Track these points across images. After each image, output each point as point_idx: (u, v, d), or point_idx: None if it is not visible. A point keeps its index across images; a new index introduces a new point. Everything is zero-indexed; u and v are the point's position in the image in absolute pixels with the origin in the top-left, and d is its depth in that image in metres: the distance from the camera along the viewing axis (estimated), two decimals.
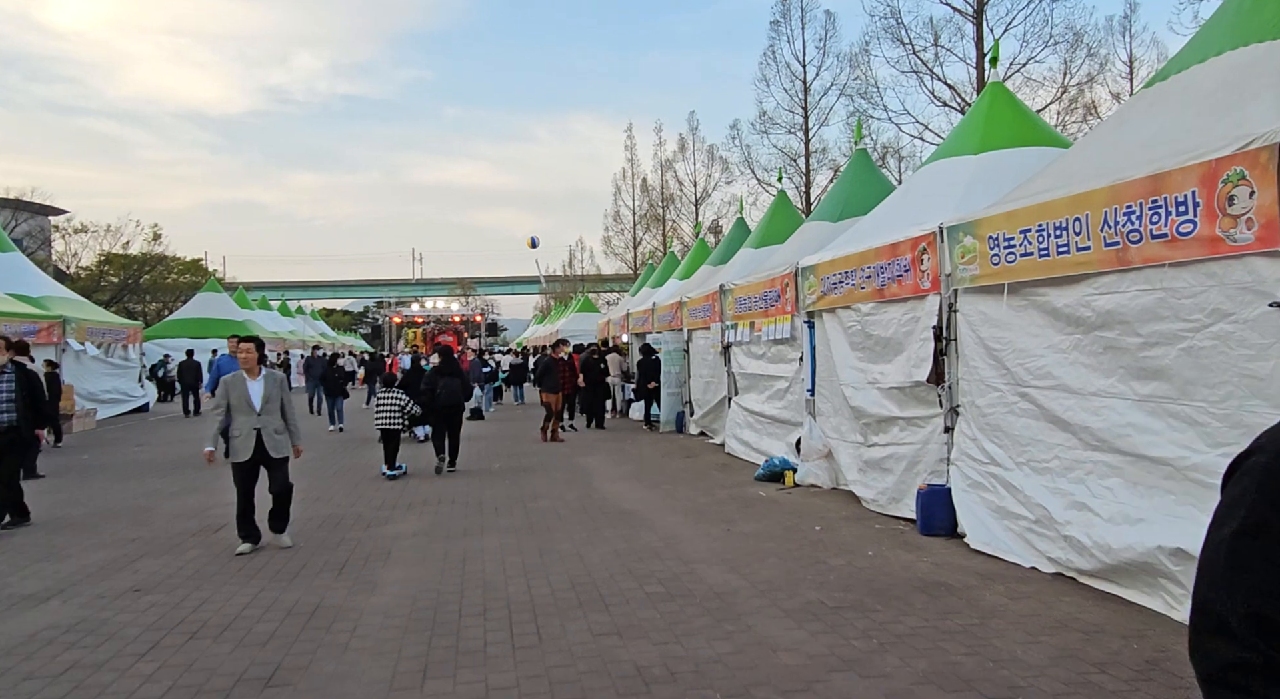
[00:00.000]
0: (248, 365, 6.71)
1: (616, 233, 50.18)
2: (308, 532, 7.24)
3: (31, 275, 20.18)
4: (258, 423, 6.55)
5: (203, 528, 7.52)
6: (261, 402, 6.59)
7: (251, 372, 6.71)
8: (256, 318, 39.27)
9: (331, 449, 13.47)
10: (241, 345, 6.84)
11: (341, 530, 7.25)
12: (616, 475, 10.26)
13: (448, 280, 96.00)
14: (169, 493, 9.50)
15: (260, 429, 6.56)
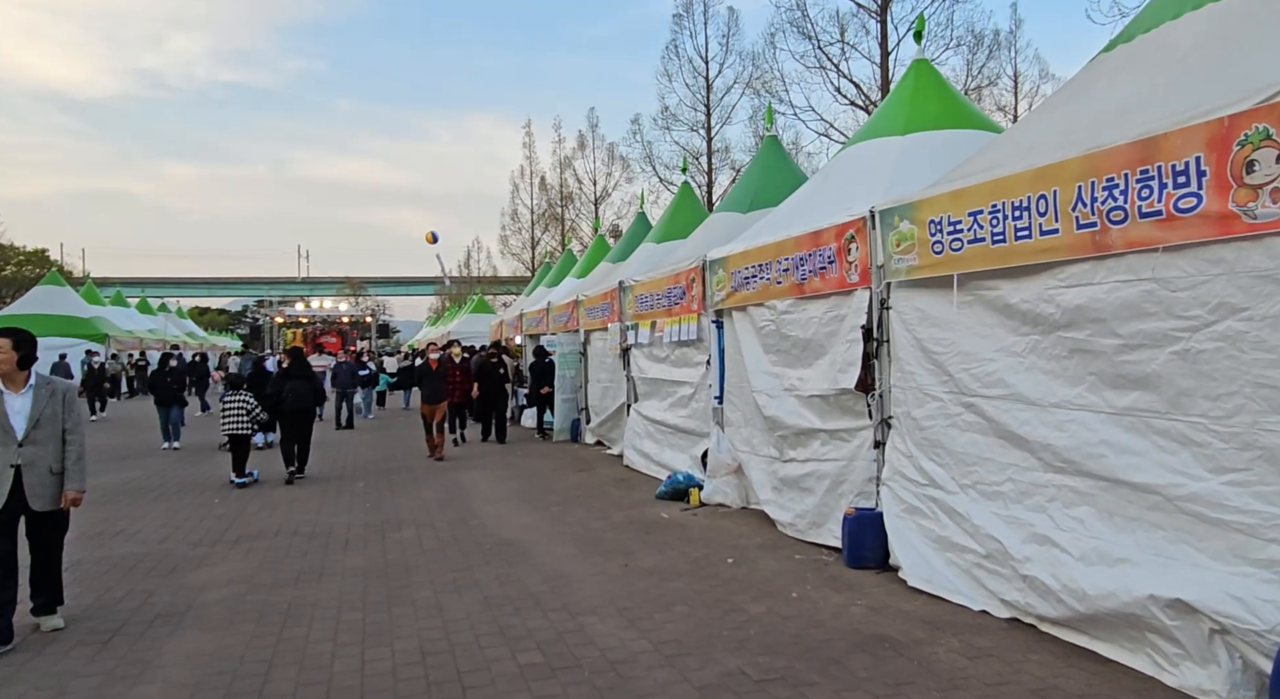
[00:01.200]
0: (5, 371, 4.53)
1: (514, 232, 48.53)
2: (88, 579, 5.64)
3: None
4: (18, 457, 4.49)
5: None
6: (27, 426, 4.53)
7: (9, 381, 4.54)
8: (108, 314, 35.43)
9: (163, 466, 11.54)
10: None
11: (135, 578, 5.68)
12: (501, 494, 8.98)
13: (336, 279, 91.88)
14: None
15: (21, 467, 4.48)
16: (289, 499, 8.76)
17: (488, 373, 13.90)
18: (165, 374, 14.08)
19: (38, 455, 4.55)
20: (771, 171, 10.05)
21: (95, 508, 8.25)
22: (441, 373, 12.37)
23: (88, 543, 6.75)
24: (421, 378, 12.45)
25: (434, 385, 12.10)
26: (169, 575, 5.74)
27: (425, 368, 12.49)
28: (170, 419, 13.49)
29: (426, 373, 12.31)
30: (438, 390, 12.11)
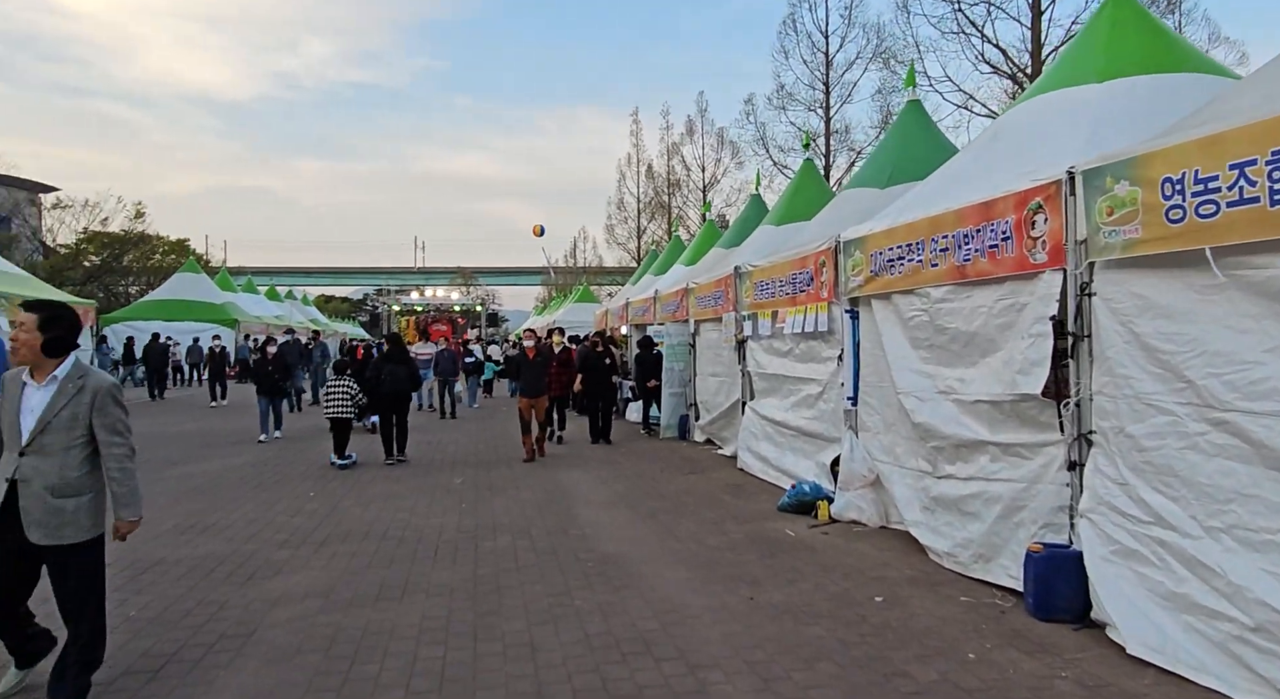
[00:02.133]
0: (24, 357, 3.47)
1: (620, 221, 48.19)
2: (162, 584, 5.20)
3: None
4: (17, 471, 3.38)
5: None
6: (36, 426, 3.38)
7: (36, 369, 3.47)
8: (239, 301, 37.32)
9: (268, 452, 11.42)
10: (21, 319, 3.45)
11: (209, 586, 5.20)
12: (604, 499, 8.20)
13: (449, 269, 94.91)
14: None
15: (19, 482, 3.37)
16: (384, 495, 8.29)
17: (593, 364, 12.79)
18: (265, 361, 12.93)
19: (37, 469, 3.37)
20: (914, 141, 8.79)
21: (194, 497, 8.03)
22: (540, 363, 11.14)
23: (175, 538, 6.40)
24: (518, 369, 11.36)
25: (532, 377, 10.96)
26: (244, 584, 5.22)
27: (521, 357, 11.28)
28: (270, 408, 12.72)
29: (523, 363, 11.11)
30: (536, 383, 10.95)
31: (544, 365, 11.19)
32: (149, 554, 5.87)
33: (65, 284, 37.18)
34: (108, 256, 43.18)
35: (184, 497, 8.10)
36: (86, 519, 3.45)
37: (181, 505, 7.67)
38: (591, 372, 12.68)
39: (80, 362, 3.56)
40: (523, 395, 10.96)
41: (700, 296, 12.46)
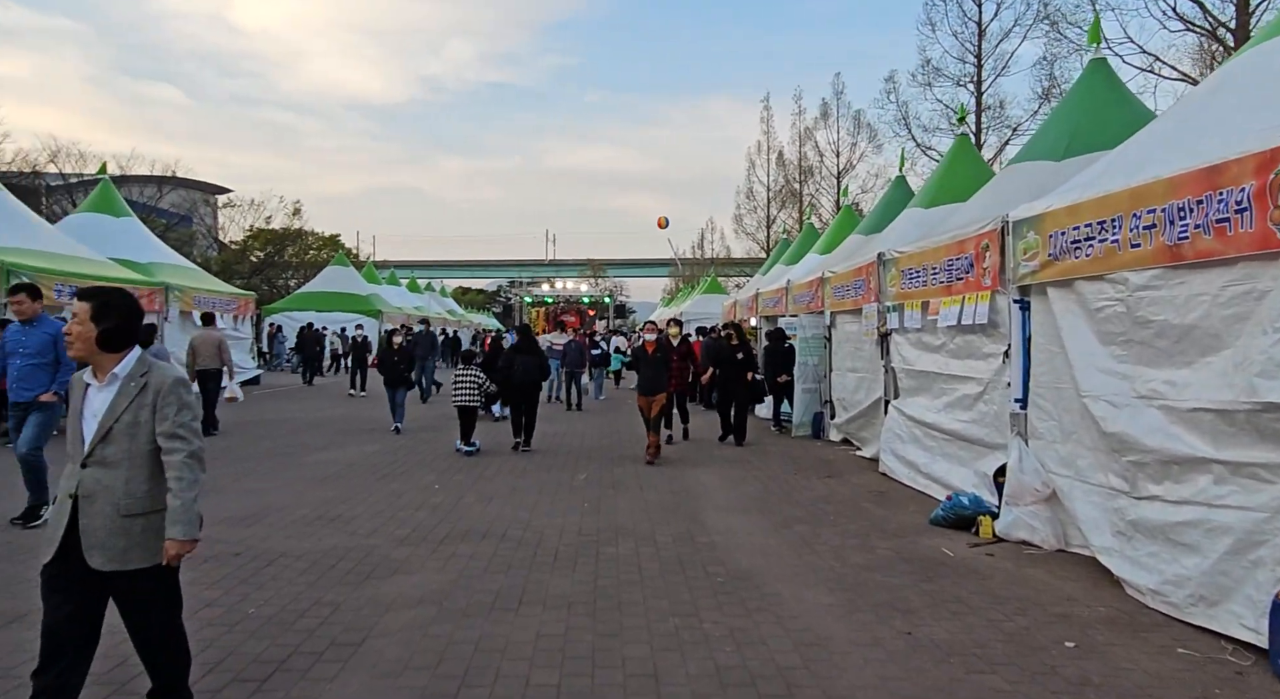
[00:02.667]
0: (79, 351, 2.94)
1: (749, 210, 47.22)
2: (282, 580, 5.09)
3: (143, 241, 19.78)
4: (79, 485, 2.91)
5: None
6: (97, 433, 2.90)
7: (96, 368, 2.96)
8: (383, 292, 39.22)
9: (399, 441, 11.58)
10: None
11: (326, 584, 5.04)
12: (734, 503, 7.64)
13: (579, 261, 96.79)
14: None
15: (80, 499, 2.89)
16: (507, 490, 8.08)
17: (725, 358, 11.83)
18: (392, 352, 12.89)
19: (101, 483, 2.87)
20: (1101, 104, 7.62)
21: (326, 486, 8.12)
22: (660, 359, 10.25)
23: (302, 529, 6.38)
24: (636, 363, 10.67)
25: (650, 372, 10.14)
26: (361, 584, 5.04)
27: (640, 351, 10.53)
28: (396, 401, 12.45)
29: (641, 357, 10.40)
30: (655, 378, 10.10)
31: (664, 361, 10.31)
32: (277, 546, 5.85)
33: (234, 277, 40.42)
34: (270, 252, 46.67)
35: (317, 484, 8.21)
36: (156, 541, 2.90)
37: (314, 493, 7.75)
38: (724, 365, 11.82)
39: (145, 356, 3.03)
40: (640, 393, 10.26)
41: (837, 286, 11.61)
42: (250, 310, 22.50)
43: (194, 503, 2.94)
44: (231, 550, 5.69)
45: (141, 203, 35.93)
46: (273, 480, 8.40)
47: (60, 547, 2.87)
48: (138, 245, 19.15)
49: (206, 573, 5.17)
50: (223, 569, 5.26)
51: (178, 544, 2.90)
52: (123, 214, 19.83)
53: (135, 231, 19.80)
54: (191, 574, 5.11)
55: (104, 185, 20.20)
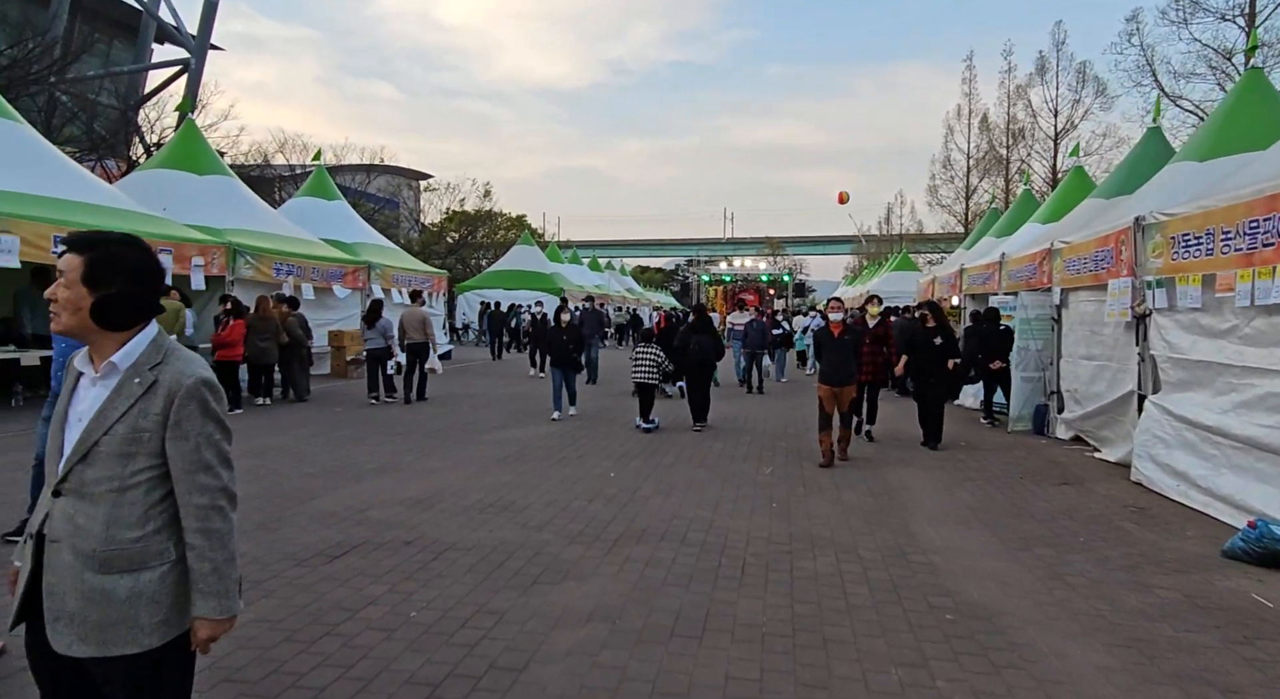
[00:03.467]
0: (66, 325, 1.94)
1: (945, 180, 43.44)
2: (448, 577, 4.70)
3: (351, 223, 21.12)
4: (46, 523, 1.96)
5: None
6: (75, 447, 1.92)
7: (93, 349, 2.00)
8: (564, 271, 40.14)
9: (574, 424, 11.27)
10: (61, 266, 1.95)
11: (492, 586, 4.58)
12: (949, 511, 6.49)
13: (757, 239, 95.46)
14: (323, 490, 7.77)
15: (47, 541, 1.94)
16: (686, 483, 7.41)
17: (920, 342, 9.74)
18: (560, 330, 11.64)
19: (74, 522, 1.91)
20: None
21: (501, 468, 7.86)
22: (848, 343, 8.59)
23: (475, 518, 6.05)
24: (819, 346, 9.00)
25: (836, 359, 8.48)
26: (529, 589, 4.54)
27: (824, 333, 8.79)
28: (561, 383, 11.38)
29: (825, 340, 8.71)
30: (841, 366, 8.47)
31: (853, 345, 8.67)
32: (447, 536, 5.53)
33: (432, 257, 43.14)
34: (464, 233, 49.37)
35: (493, 466, 7.97)
36: (150, 612, 1.92)
37: (489, 477, 7.49)
38: (918, 351, 9.74)
39: (160, 339, 2.02)
40: (823, 382, 8.51)
41: (1072, 259, 9.86)
42: (443, 288, 23.53)
43: (230, 564, 2.00)
44: (404, 538, 5.44)
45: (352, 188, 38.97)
46: (450, 459, 8.28)
47: (21, 610, 1.98)
48: (346, 226, 20.48)
49: (376, 562, 4.91)
50: (392, 559, 4.98)
51: (210, 625, 1.97)
52: (334, 198, 21.30)
53: (344, 214, 21.21)
54: (361, 563, 4.87)
55: (318, 172, 21.79)
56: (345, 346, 17.00)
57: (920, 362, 9.73)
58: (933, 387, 9.70)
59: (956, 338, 10.23)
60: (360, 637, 3.82)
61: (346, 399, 13.24)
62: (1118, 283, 8.28)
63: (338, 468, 7.75)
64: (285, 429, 10.05)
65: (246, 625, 3.87)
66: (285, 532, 5.55)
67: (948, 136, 42.05)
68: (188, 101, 17.56)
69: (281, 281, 15.20)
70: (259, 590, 4.39)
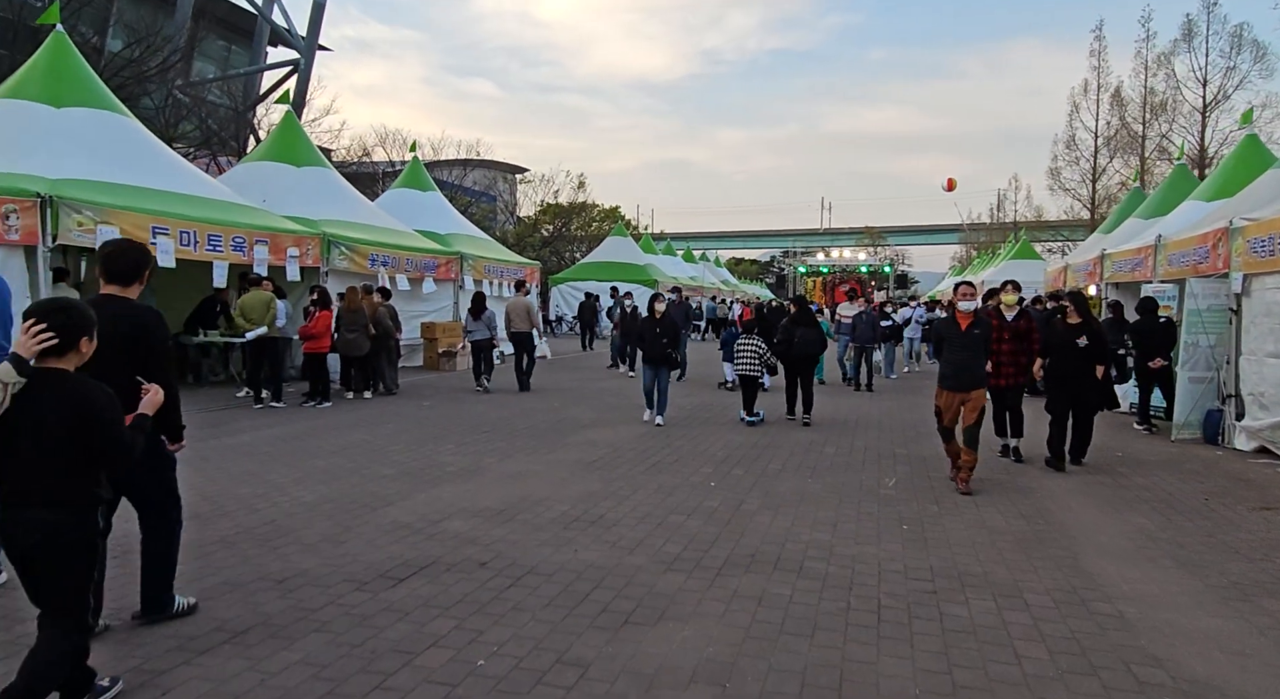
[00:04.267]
0: None
1: (1069, 162, 40.20)
2: (521, 618, 3.98)
3: (445, 214, 21.02)
4: None
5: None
6: None
7: None
8: (658, 262, 39.48)
9: (668, 424, 10.45)
10: None
11: (572, 629, 3.82)
12: (1125, 541, 5.33)
13: (856, 229, 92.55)
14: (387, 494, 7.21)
15: None
16: (796, 495, 6.50)
17: (1056, 341, 7.85)
18: (654, 322, 10.05)
19: None
20: None
21: (590, 474, 7.14)
22: (979, 337, 6.92)
23: (559, 533, 5.34)
24: (940, 342, 7.22)
25: (962, 357, 6.85)
26: (618, 631, 3.77)
27: (948, 325, 7.13)
28: (657, 384, 9.86)
29: (949, 334, 7.03)
30: (968, 367, 6.82)
31: (982, 341, 6.98)
32: (527, 557, 4.83)
33: (526, 249, 43.31)
34: (559, 225, 49.40)
35: (581, 471, 7.27)
36: None
37: (576, 484, 6.79)
38: (1059, 353, 7.80)
39: None
40: (943, 386, 6.93)
41: (1259, 239, 8.33)
42: (536, 279, 23.23)
43: None
44: (479, 558, 4.77)
45: (449, 182, 39.44)
46: (536, 462, 7.64)
47: None
48: (440, 218, 20.37)
49: (445, 589, 4.25)
50: (464, 586, 4.31)
51: None
52: (429, 189, 21.24)
53: (438, 205, 21.12)
54: (428, 589, 4.23)
55: (413, 163, 21.81)
56: (437, 338, 16.82)
57: (1061, 367, 7.76)
58: (1078, 398, 7.74)
59: (1107, 337, 8.32)
60: (419, 690, 3.15)
61: (435, 392, 12.90)
62: None
63: (418, 468, 7.23)
64: (369, 424, 9.68)
65: (289, 669, 3.26)
66: (352, 545, 4.99)
67: (1072, 114, 38.87)
68: (288, 94, 17.67)
69: (376, 272, 15.08)
70: (312, 621, 3.80)
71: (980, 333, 6.96)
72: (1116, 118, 36.03)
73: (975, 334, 6.94)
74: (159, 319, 3.52)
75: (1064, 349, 7.80)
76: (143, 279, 3.57)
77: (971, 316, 7.01)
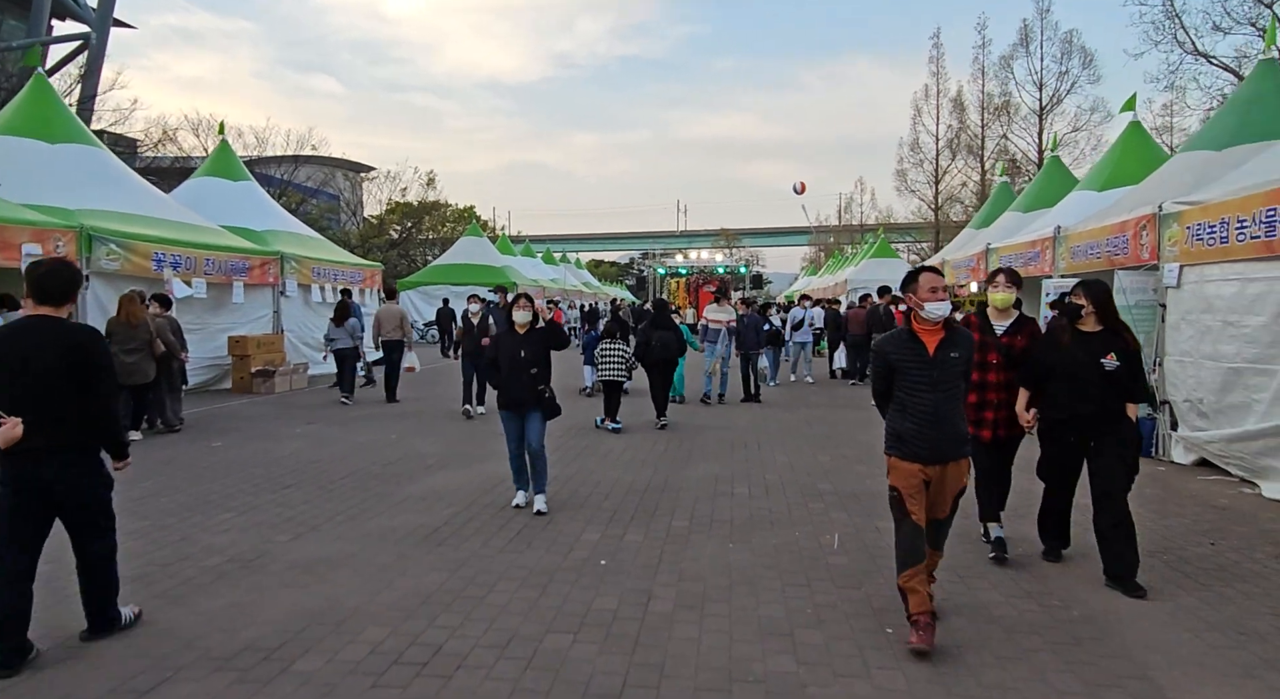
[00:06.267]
0: None
1: (914, 164, 41.58)
2: None
3: (263, 208, 17.80)
4: None
5: None
6: None
7: None
8: (517, 264, 37.17)
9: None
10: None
11: None
12: (1186, 637, 3.90)
13: (711, 232, 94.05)
14: None
15: None
16: (723, 576, 4.69)
17: (1064, 360, 4.66)
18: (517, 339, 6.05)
19: None
20: None
21: (425, 556, 5.01)
22: (956, 366, 3.94)
23: (362, 696, 3.23)
24: (887, 373, 4.02)
25: (933, 403, 3.87)
26: None
27: (898, 344, 3.98)
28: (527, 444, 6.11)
29: (904, 360, 3.95)
30: (946, 420, 3.88)
31: (963, 371, 4.02)
32: None
33: (372, 251, 39.64)
34: (410, 226, 45.85)
35: (415, 552, 5.12)
36: None
37: (406, 578, 4.65)
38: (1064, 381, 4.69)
39: None
40: (903, 454, 3.91)
41: (1206, 225, 7.40)
42: (378, 283, 20.40)
43: None
44: None
45: (277, 178, 35.31)
46: (350, 536, 5.43)
47: None
48: (255, 212, 17.13)
49: None
50: None
51: None
52: (240, 178, 17.90)
53: (253, 197, 17.82)
54: None
55: (222, 147, 18.38)
56: (250, 355, 13.87)
57: (1069, 404, 4.65)
58: (1100, 462, 4.61)
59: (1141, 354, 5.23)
60: None
61: (236, 426, 10.18)
62: None
63: (162, 563, 4.84)
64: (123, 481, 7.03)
65: None
66: None
67: (915, 118, 40.19)
68: (35, 53, 14.04)
69: (163, 276, 12.07)
70: None
71: (960, 357, 3.93)
72: (956, 121, 37.40)
73: (952, 360, 3.90)
74: (98, 337, 3.67)
75: (1074, 376, 4.59)
76: (73, 298, 3.62)
77: (942, 331, 3.92)
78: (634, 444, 8.90)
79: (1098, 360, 4.57)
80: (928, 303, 3.88)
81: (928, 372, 3.87)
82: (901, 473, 3.88)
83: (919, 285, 3.93)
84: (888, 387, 4.02)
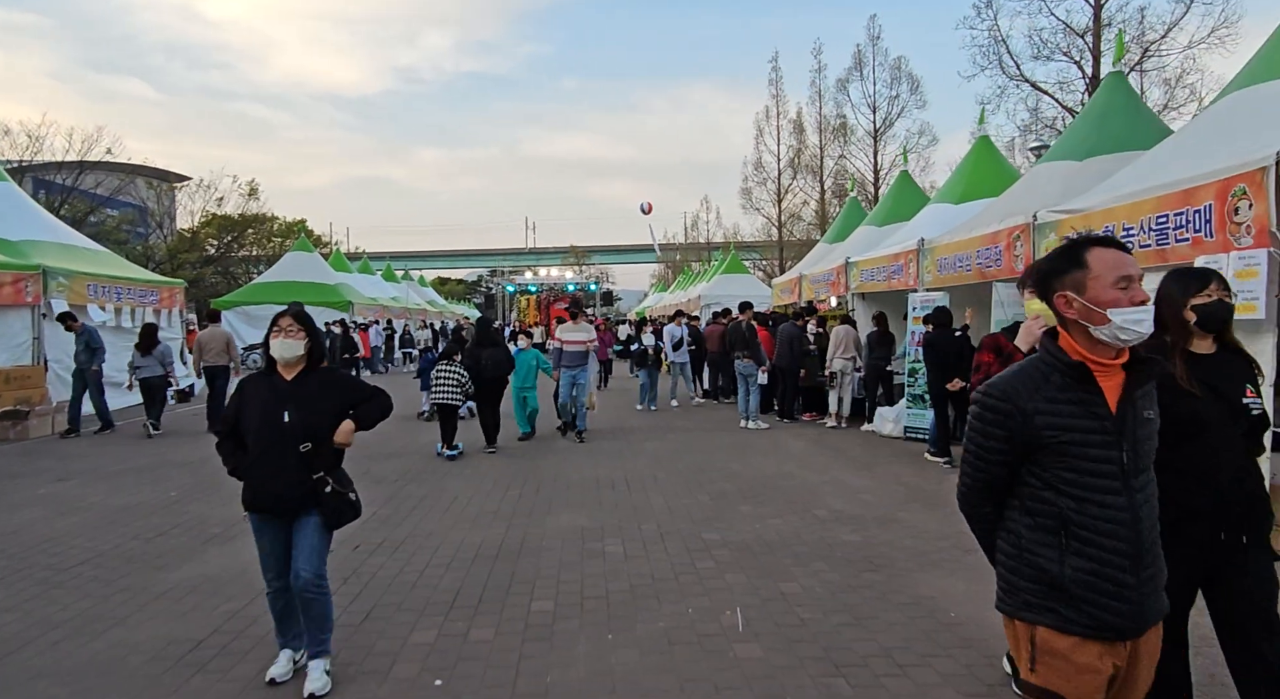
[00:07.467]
0: None
1: (758, 183, 42.58)
2: None
3: (21, 213, 14.68)
4: None
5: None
6: None
7: None
8: (353, 281, 34.31)
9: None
10: None
11: None
12: None
13: (561, 249, 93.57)
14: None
15: None
16: (591, 674, 3.47)
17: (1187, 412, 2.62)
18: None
19: None
20: None
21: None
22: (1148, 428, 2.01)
23: None
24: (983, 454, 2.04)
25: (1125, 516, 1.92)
26: None
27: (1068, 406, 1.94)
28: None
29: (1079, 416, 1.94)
30: (1148, 550, 1.95)
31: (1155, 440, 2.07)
32: None
33: (182, 267, 35.30)
34: (229, 240, 41.45)
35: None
36: None
37: None
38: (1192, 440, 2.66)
39: None
40: (1072, 630, 1.93)
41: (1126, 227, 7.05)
42: (179, 302, 17.61)
43: None
44: None
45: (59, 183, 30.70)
46: (53, 676, 3.75)
47: None
48: (9, 218, 14.11)
49: None
50: None
51: None
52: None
53: (8, 201, 14.69)
54: None
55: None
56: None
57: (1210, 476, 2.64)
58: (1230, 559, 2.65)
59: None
60: None
61: None
62: (1219, 259, 5.44)
63: None
64: None
65: None
66: None
67: (758, 138, 41.18)
68: None
69: None
70: None
71: (1156, 417, 2.05)
72: (797, 141, 38.59)
73: (1147, 423, 2.00)
74: None
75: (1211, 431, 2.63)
76: None
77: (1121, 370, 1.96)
78: (484, 489, 7.52)
79: (1240, 402, 2.65)
80: (1121, 310, 1.87)
81: (1115, 447, 1.92)
82: (1072, 666, 1.92)
83: (1093, 272, 1.90)
84: (1007, 481, 2.02)
